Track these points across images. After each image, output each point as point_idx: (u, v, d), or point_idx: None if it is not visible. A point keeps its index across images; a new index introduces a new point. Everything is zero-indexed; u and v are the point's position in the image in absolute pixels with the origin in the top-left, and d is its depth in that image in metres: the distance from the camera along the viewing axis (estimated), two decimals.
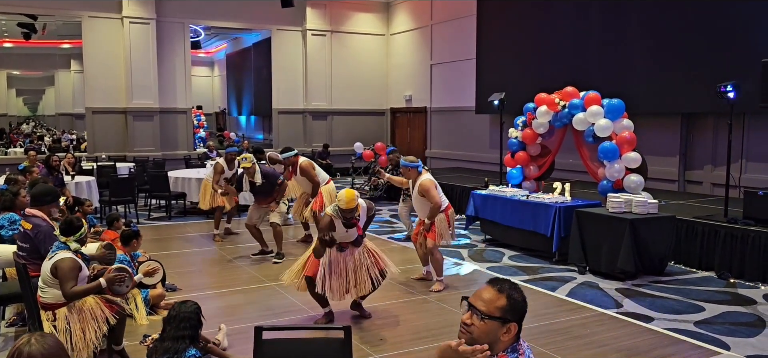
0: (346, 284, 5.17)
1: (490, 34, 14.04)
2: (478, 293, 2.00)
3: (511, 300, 1.97)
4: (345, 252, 5.17)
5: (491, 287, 2.00)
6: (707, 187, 10.03)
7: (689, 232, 7.20)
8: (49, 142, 20.51)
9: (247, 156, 7.79)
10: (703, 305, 5.81)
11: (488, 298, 1.97)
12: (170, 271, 6.51)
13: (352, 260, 5.19)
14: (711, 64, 9.32)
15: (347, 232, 5.08)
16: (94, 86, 15.03)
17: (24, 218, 4.89)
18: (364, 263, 5.22)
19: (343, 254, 5.17)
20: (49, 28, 21.15)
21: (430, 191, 6.11)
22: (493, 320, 1.93)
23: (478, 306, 1.96)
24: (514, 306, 1.97)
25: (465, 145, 15.40)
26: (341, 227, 5.03)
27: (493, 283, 2.02)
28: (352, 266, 5.18)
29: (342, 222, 5.00)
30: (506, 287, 2.00)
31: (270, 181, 7.74)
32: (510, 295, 1.98)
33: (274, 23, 17.00)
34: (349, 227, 5.05)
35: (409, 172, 6.36)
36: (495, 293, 1.97)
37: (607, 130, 7.61)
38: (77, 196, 9.17)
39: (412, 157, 6.45)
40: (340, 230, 5.04)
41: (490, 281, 2.04)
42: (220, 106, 27.46)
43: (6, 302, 4.99)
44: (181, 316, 3.67)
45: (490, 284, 2.02)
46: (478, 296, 1.99)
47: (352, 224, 5.03)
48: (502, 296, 1.97)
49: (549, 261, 7.50)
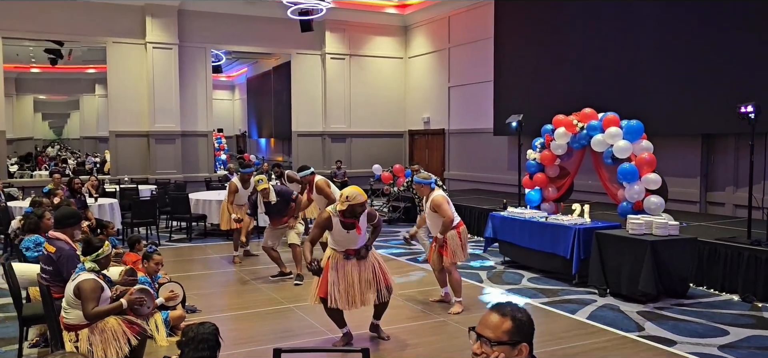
0: (354, 293, 5.13)
1: (508, 57, 14.07)
2: (484, 321, 2.00)
3: (516, 321, 1.97)
4: (350, 261, 5.16)
5: (495, 312, 2.00)
6: (729, 208, 9.88)
7: (712, 254, 7.09)
8: (74, 165, 20.90)
9: (262, 178, 7.88)
10: (727, 329, 5.70)
11: (494, 323, 1.97)
12: (190, 292, 6.57)
13: (358, 271, 5.16)
14: (731, 84, 9.24)
15: (348, 234, 5.07)
16: (118, 110, 15.34)
17: (48, 241, 4.99)
18: (371, 275, 5.20)
19: (348, 262, 5.15)
20: (75, 53, 21.67)
21: (442, 206, 6.15)
22: (503, 345, 1.93)
23: (485, 334, 1.96)
24: (520, 326, 1.97)
25: (483, 166, 15.37)
26: (340, 229, 5.04)
27: (496, 308, 2.02)
28: (358, 276, 5.16)
29: (340, 222, 5.01)
30: (509, 310, 1.99)
31: (284, 198, 7.80)
32: (514, 316, 1.98)
33: (294, 47, 17.23)
34: (347, 229, 5.04)
35: (422, 188, 6.43)
36: (499, 318, 1.98)
37: (626, 151, 7.56)
38: (100, 218, 9.34)
39: (425, 174, 6.57)
40: (338, 232, 5.05)
41: (493, 307, 2.04)
42: (241, 129, 27.78)
43: (30, 322, 5.07)
44: (200, 337, 3.69)
45: (493, 310, 2.02)
46: (483, 323, 1.99)
47: (352, 224, 5.01)
48: (506, 319, 1.97)
49: (569, 283, 7.43)
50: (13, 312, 5.31)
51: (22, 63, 23.36)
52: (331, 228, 5.06)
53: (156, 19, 15.28)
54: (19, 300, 5.01)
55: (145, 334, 4.35)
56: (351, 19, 17.40)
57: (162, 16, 15.33)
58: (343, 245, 5.14)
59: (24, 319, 4.97)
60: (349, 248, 5.15)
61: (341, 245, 5.15)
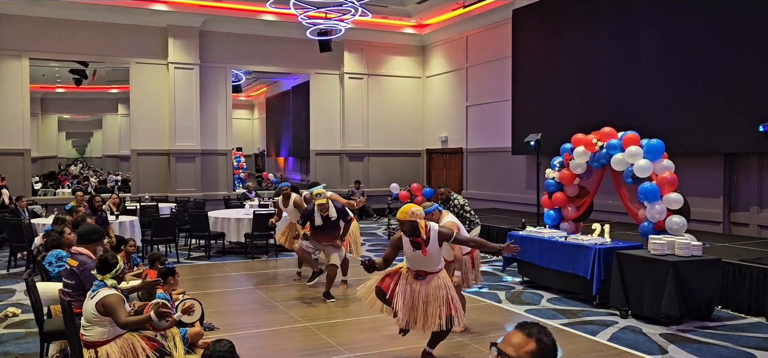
0: (416, 314, 5.05)
1: (526, 75, 14.05)
2: (507, 338, 1.96)
3: (540, 344, 1.92)
4: (420, 282, 5.09)
5: (520, 332, 1.95)
6: (754, 229, 9.69)
7: (736, 275, 6.95)
8: (96, 183, 21.20)
9: (321, 192, 7.67)
10: (754, 353, 5.56)
11: (517, 342, 1.92)
12: (208, 309, 6.58)
13: (425, 294, 5.06)
14: (753, 103, 9.12)
15: (414, 253, 5.08)
16: (140, 129, 15.58)
17: (71, 256, 5.05)
18: (436, 298, 5.04)
19: (417, 283, 5.10)
20: (99, 74, 22.11)
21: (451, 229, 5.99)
22: None
23: (507, 352, 1.92)
24: (544, 351, 1.92)
25: (501, 186, 15.29)
26: (409, 247, 5.08)
27: (521, 327, 1.97)
28: (423, 299, 5.05)
29: (410, 241, 5.06)
30: (535, 331, 1.94)
31: (342, 216, 7.73)
32: (539, 339, 1.93)
33: (313, 67, 17.39)
34: (415, 248, 5.06)
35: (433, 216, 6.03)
36: (524, 338, 1.93)
37: (647, 170, 7.47)
38: (120, 235, 9.44)
39: (428, 203, 6.13)
40: (408, 249, 5.10)
41: (519, 325, 1.99)
42: (260, 147, 28.01)
43: (50, 338, 5.12)
44: (216, 355, 3.70)
45: (518, 329, 1.97)
46: (507, 341, 1.95)
47: (417, 244, 5.03)
48: (531, 341, 1.92)
49: (589, 304, 7.32)
50: (35, 328, 5.37)
51: (47, 83, 23.89)
52: (402, 248, 5.12)
53: (178, 40, 15.55)
54: (41, 316, 5.07)
55: (163, 351, 4.36)
56: (369, 40, 17.53)
57: (184, 37, 15.60)
58: (414, 265, 5.15)
59: (45, 335, 5.03)
60: (420, 268, 5.11)
61: (413, 265, 5.16)
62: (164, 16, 15.23)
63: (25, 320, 6.64)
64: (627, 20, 11.44)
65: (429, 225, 5.08)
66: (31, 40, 14.50)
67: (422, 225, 5.00)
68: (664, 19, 10.72)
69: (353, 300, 7.58)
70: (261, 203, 12.88)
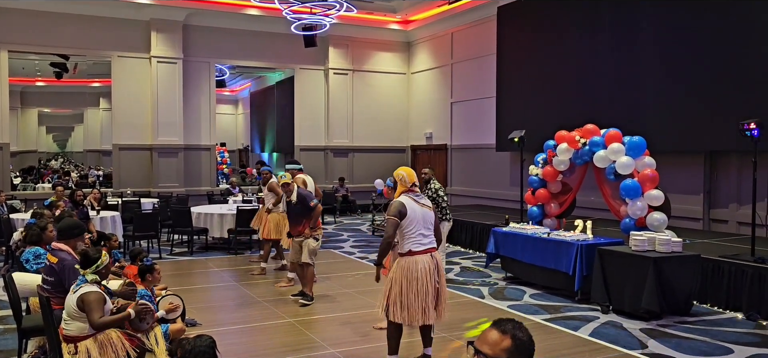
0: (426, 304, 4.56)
1: (510, 73, 14.11)
2: (483, 336, 1.97)
3: (516, 340, 1.94)
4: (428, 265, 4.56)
5: (495, 329, 1.97)
6: (733, 226, 9.84)
7: (715, 271, 7.05)
8: (76, 177, 20.93)
9: (285, 173, 7.91)
10: (731, 347, 5.65)
11: (493, 340, 1.94)
12: (190, 306, 6.54)
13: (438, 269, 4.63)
14: (734, 102, 9.24)
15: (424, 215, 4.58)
16: (122, 123, 15.40)
17: (50, 252, 4.98)
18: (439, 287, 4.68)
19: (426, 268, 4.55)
20: (80, 67, 21.79)
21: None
22: None
23: (483, 350, 1.93)
24: (520, 347, 1.93)
25: (485, 182, 15.36)
26: (415, 208, 4.59)
27: (497, 324, 1.99)
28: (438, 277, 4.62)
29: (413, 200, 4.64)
30: (510, 328, 1.96)
31: (300, 202, 7.43)
32: (514, 335, 1.94)
33: (298, 62, 17.32)
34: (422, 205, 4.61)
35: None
36: (499, 335, 1.94)
37: (629, 167, 7.54)
38: (102, 231, 9.33)
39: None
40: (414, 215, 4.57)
41: (494, 323, 2.00)
42: (244, 143, 27.83)
43: (29, 335, 5.06)
44: (197, 351, 3.67)
45: (494, 326, 1.98)
46: (483, 339, 1.96)
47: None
48: (506, 337, 1.93)
49: (571, 300, 7.38)
50: (13, 324, 5.30)
51: (27, 76, 23.49)
52: (406, 214, 4.52)
53: (161, 34, 15.38)
54: (19, 312, 5.00)
55: (144, 347, 4.33)
56: (354, 35, 17.49)
57: (167, 31, 15.43)
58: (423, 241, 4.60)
59: (23, 331, 4.96)
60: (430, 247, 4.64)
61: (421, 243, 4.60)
62: (147, 10, 15.05)
63: (3, 316, 6.55)
64: (611, 19, 11.52)
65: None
66: (10, 32, 14.25)
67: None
68: (648, 18, 10.81)
69: (336, 296, 7.57)
70: (245, 198, 12.80)
